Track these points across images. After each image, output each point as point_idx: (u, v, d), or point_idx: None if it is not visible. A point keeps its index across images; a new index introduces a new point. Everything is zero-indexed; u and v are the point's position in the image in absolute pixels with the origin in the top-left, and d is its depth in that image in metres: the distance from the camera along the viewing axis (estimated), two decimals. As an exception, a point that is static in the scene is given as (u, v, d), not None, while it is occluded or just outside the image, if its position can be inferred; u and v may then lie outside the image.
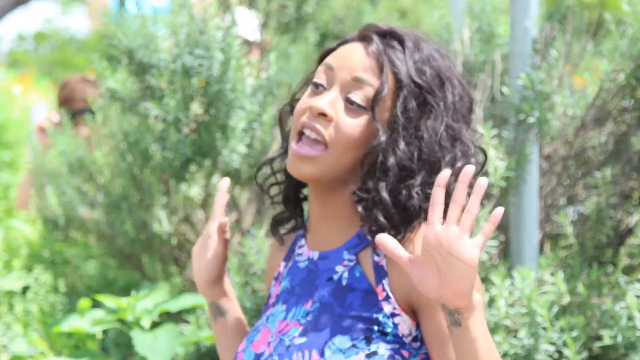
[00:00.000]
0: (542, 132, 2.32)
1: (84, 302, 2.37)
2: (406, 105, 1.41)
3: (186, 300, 2.29)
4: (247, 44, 3.10)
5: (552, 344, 2.08)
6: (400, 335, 1.38)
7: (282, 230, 1.60)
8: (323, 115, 1.41)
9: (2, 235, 3.30)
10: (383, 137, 1.40)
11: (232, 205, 2.87)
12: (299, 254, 1.55)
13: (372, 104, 1.40)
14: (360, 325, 1.38)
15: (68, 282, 3.15)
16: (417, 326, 1.40)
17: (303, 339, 1.41)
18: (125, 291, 2.93)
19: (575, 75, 2.49)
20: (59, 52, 15.95)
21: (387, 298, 1.39)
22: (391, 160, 1.40)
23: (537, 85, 2.26)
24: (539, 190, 2.40)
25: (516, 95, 2.31)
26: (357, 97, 1.41)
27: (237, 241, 2.75)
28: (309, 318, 1.43)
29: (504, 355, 2.09)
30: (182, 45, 2.48)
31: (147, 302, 2.33)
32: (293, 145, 1.43)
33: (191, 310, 2.49)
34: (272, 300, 1.56)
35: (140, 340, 2.15)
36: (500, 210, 1.24)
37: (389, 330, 1.38)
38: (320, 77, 1.45)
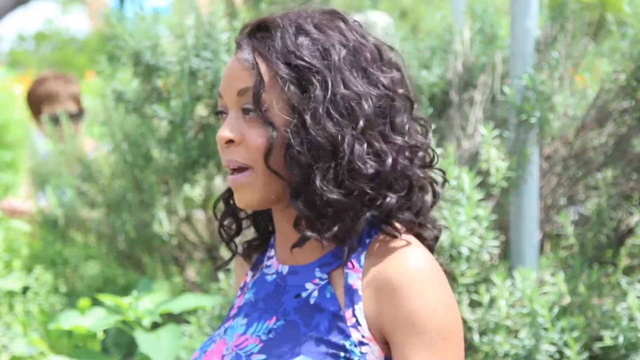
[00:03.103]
0: (542, 133, 2.32)
1: (84, 302, 2.37)
2: (288, 93, 1.28)
3: (188, 301, 2.28)
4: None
5: (553, 344, 2.08)
6: None
7: (255, 254, 1.53)
8: (231, 141, 1.32)
9: (2, 235, 3.30)
10: (274, 135, 1.28)
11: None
12: (268, 266, 1.46)
13: (255, 105, 1.29)
14: (326, 349, 1.28)
15: (68, 283, 3.15)
16: (386, 358, 1.31)
17: (262, 356, 1.32)
18: (125, 291, 2.92)
19: (576, 76, 2.49)
20: (59, 52, 15.96)
21: (356, 325, 1.30)
22: (288, 161, 1.28)
23: (539, 86, 2.26)
24: (539, 191, 2.40)
25: (517, 95, 2.31)
26: (249, 105, 1.31)
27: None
28: (271, 335, 1.34)
29: (505, 355, 2.09)
30: (190, 48, 2.48)
31: (148, 302, 2.32)
32: (228, 178, 1.35)
33: (192, 310, 2.48)
34: (233, 312, 1.47)
35: (144, 341, 2.14)
36: None
37: (355, 358, 1.28)
38: (220, 106, 1.37)
